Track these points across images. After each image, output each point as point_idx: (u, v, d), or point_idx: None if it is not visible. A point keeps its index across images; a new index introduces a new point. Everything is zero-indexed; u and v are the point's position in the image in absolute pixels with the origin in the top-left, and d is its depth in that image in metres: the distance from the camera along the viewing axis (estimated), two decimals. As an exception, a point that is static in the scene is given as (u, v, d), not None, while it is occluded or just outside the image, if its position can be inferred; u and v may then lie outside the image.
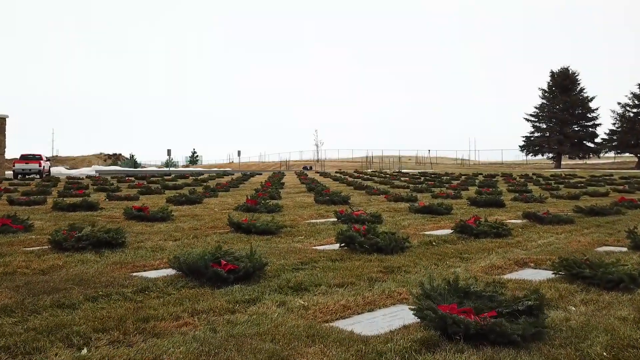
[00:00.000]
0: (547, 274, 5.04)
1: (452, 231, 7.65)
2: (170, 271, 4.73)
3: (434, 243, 6.69)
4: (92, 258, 5.33)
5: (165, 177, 29.07)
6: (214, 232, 7.35)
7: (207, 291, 4.11)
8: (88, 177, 29.73)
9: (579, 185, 22.51)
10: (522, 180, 28.79)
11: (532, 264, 5.60)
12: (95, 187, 18.37)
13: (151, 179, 26.26)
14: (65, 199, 12.07)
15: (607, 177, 31.02)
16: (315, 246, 6.39)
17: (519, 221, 9.31)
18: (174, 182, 23.00)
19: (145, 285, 4.23)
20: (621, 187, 20.44)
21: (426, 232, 7.75)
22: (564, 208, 11.97)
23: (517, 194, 15.75)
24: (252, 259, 4.64)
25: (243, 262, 4.63)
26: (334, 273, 4.82)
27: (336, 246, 6.20)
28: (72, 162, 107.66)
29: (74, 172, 47.48)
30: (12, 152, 34.98)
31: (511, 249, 6.43)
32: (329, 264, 5.26)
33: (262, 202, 10.50)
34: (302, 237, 7.07)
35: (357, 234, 6.06)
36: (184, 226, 8.04)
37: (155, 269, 4.92)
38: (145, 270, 4.86)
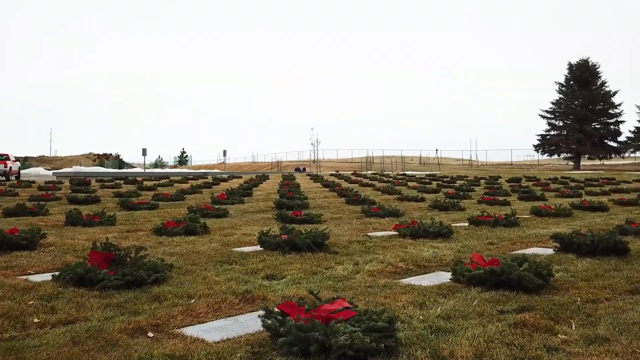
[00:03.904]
0: None
1: None
2: None
3: None
4: None
5: (116, 180, 23.29)
6: None
7: None
8: (28, 180, 23.97)
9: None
10: (560, 186, 23.04)
11: None
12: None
13: (90, 185, 20.53)
14: None
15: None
16: None
17: None
18: (107, 190, 17.29)
19: None
20: None
21: None
22: None
23: (602, 215, 10.04)
24: None
25: None
26: None
27: None
28: (60, 162, 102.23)
29: (51, 173, 42.52)
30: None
31: None
32: None
33: (131, 255, 4.75)
34: None
35: None
36: None
37: None
38: None
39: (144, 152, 46.75)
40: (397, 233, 7.62)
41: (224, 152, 55.23)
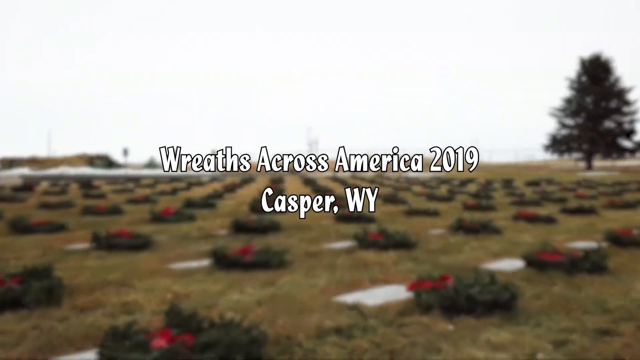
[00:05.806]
0: None
1: None
2: None
3: None
4: None
5: (73, 184, 19.88)
6: None
7: None
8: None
9: None
10: (592, 191, 19.62)
11: None
12: None
13: (31, 191, 17.15)
14: None
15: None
16: None
17: None
18: (44, 198, 13.90)
19: None
20: None
21: None
22: None
23: None
24: None
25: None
26: None
27: None
28: (52, 163, 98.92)
29: (17, 175, 39.89)
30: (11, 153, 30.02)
31: None
32: None
33: None
34: None
35: None
36: None
37: None
38: None
39: (125, 152, 43.43)
40: (413, 296, 4.16)
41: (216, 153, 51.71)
